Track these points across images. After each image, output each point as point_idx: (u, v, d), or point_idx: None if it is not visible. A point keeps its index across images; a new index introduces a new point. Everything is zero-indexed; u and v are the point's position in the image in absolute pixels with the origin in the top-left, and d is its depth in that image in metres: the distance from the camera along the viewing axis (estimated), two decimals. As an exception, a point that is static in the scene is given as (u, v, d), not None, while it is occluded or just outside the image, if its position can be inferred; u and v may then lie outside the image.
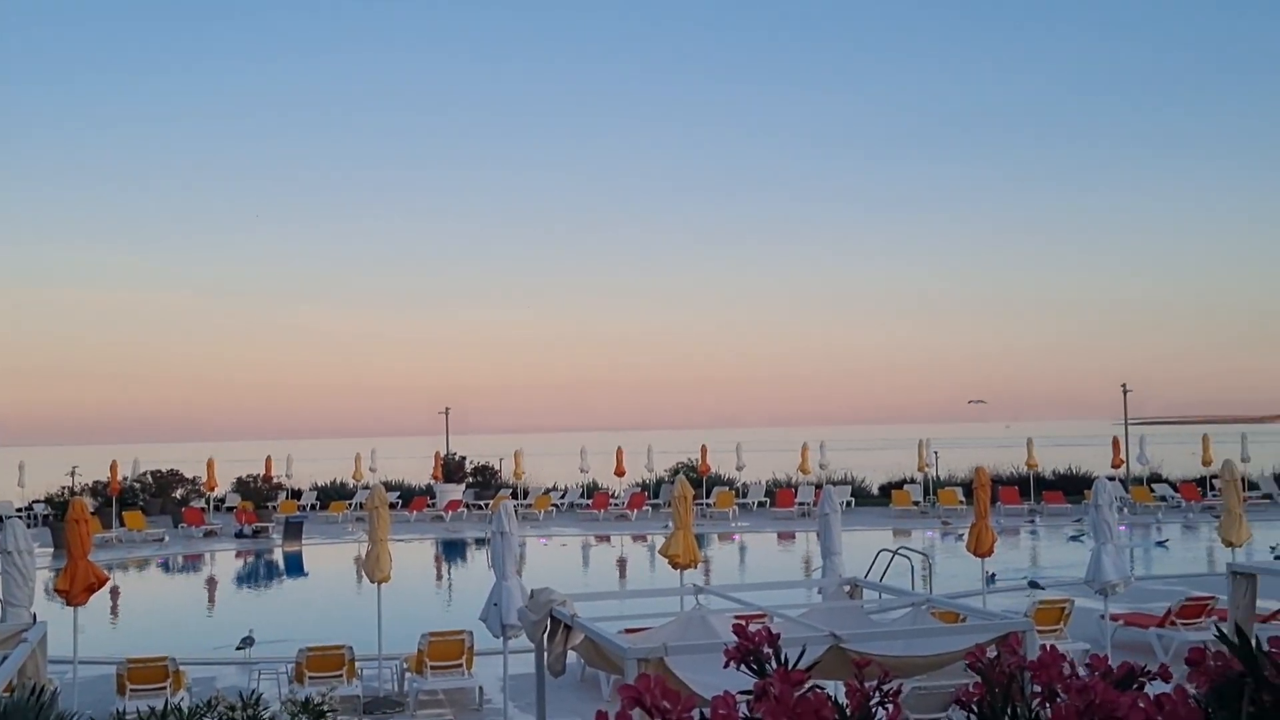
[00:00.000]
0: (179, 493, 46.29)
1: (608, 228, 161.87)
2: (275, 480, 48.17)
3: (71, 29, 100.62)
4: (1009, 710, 2.08)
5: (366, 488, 44.28)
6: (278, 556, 36.61)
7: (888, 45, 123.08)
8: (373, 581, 17.21)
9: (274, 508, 43.88)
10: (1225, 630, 2.09)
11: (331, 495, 48.39)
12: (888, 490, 46.33)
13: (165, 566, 35.47)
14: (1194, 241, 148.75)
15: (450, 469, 49.21)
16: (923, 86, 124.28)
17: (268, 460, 48.52)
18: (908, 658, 9.48)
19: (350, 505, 44.99)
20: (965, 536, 20.86)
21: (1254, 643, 1.92)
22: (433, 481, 48.53)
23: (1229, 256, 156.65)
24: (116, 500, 41.39)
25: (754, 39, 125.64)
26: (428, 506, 45.13)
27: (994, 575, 22.98)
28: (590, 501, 45.15)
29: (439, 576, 34.52)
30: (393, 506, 36.08)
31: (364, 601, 20.10)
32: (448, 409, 54.98)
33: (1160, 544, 34.38)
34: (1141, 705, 1.82)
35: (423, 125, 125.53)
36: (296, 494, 48.47)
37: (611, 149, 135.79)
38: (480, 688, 16.88)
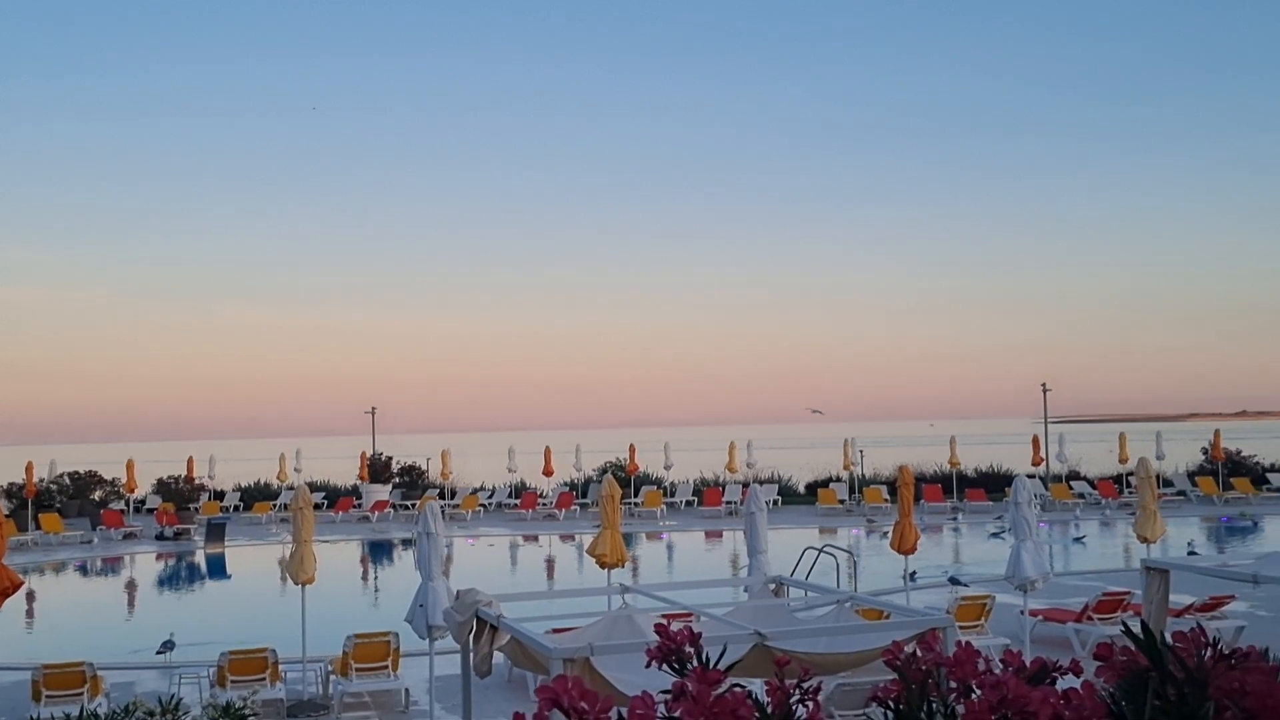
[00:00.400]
0: (98, 494, 45.34)
1: (535, 228, 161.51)
2: (197, 481, 47.34)
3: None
4: (925, 706, 2.12)
5: (291, 488, 43.81)
6: (200, 558, 36.04)
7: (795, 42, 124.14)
8: (297, 583, 17.03)
9: (196, 509, 43.16)
10: (1135, 626, 2.15)
11: (255, 496, 47.73)
12: (814, 489, 46.75)
13: (83, 569, 34.74)
14: (1113, 244, 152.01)
15: (376, 469, 48.73)
16: (851, 84, 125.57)
17: (189, 461, 47.67)
18: (831, 655, 9.58)
19: (274, 506, 44.37)
20: (890, 534, 21.15)
21: (1160, 638, 1.97)
22: (359, 482, 48.02)
23: (1148, 259, 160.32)
24: (32, 502, 40.46)
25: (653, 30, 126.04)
26: (354, 507, 44.64)
27: (915, 573, 23.28)
28: (518, 501, 44.99)
29: (364, 578, 34.19)
30: (318, 507, 35.61)
31: (288, 603, 19.90)
32: (374, 408, 54.43)
33: (1078, 540, 35.05)
34: (1051, 700, 1.87)
35: (349, 123, 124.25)
36: (219, 495, 47.74)
37: (539, 150, 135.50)
38: (406, 689, 16.76)
